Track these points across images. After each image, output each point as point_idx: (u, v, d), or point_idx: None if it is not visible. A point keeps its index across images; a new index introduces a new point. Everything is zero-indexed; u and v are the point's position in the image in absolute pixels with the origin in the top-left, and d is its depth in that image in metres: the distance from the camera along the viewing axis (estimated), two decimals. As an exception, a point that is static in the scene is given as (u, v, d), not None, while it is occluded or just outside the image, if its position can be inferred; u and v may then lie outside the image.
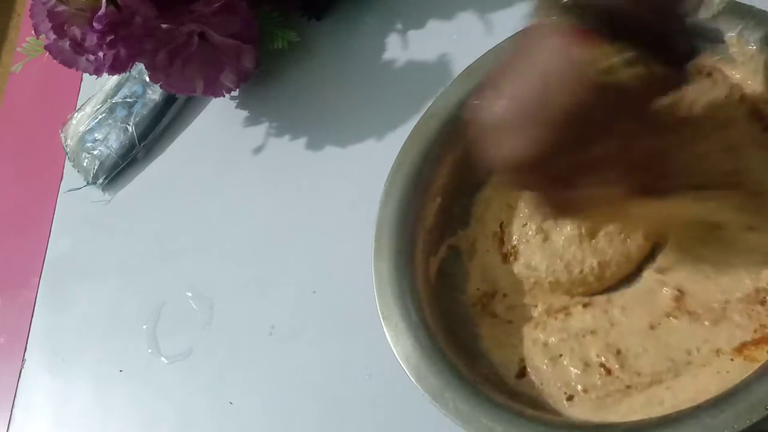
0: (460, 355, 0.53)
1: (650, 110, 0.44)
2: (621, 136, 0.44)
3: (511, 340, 0.54)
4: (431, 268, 0.58)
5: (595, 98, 0.42)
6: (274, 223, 0.71)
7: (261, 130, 0.76)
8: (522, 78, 0.44)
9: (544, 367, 0.52)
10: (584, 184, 0.45)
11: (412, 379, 0.51)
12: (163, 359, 0.70)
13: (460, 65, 0.64)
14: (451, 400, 0.49)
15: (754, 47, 0.51)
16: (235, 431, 0.64)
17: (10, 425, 0.76)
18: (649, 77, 0.42)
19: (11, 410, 0.76)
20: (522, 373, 0.53)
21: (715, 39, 0.52)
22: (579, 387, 0.50)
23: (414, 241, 0.57)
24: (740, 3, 0.52)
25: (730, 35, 0.51)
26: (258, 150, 0.76)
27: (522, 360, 0.53)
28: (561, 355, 0.52)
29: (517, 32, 0.53)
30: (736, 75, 0.53)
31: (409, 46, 0.72)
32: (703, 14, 0.52)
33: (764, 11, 0.51)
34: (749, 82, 0.52)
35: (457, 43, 0.69)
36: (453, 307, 0.57)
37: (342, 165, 0.70)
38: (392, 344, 0.53)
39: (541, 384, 0.52)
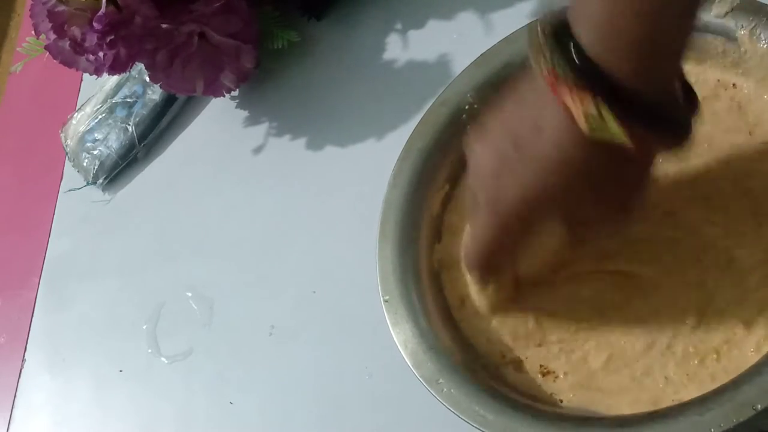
0: (458, 343, 0.53)
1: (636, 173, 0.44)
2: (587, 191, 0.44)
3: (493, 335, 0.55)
4: (435, 254, 0.57)
5: (575, 157, 0.41)
6: (274, 223, 0.71)
7: (261, 130, 0.76)
8: (508, 125, 0.45)
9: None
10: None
11: (409, 364, 0.51)
12: (163, 359, 0.70)
13: (460, 65, 0.64)
14: (445, 386, 0.49)
15: (766, 45, 0.51)
16: (235, 431, 0.64)
17: (10, 425, 0.76)
18: (640, 145, 0.40)
19: (11, 410, 0.76)
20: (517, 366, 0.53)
21: (727, 36, 0.52)
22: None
23: (419, 227, 0.57)
24: (753, 0, 0.52)
25: (742, 33, 0.51)
26: (258, 150, 0.76)
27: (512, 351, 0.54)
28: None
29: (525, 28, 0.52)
30: (744, 87, 0.53)
31: (409, 46, 0.72)
32: (716, 11, 0.52)
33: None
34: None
35: (457, 43, 0.69)
36: (454, 291, 0.57)
37: (342, 165, 0.70)
38: (391, 328, 0.53)
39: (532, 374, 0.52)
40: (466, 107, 0.59)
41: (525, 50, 0.54)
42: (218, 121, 0.80)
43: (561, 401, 0.50)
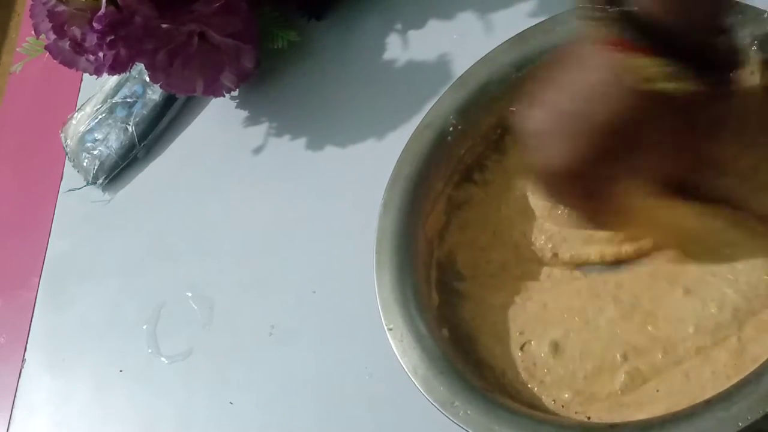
0: (467, 363, 0.52)
1: (690, 121, 0.44)
2: (657, 143, 0.44)
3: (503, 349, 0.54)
4: (433, 275, 0.57)
5: (635, 109, 0.42)
6: (275, 223, 0.71)
7: (261, 130, 0.76)
8: (564, 87, 0.45)
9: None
10: (614, 190, 0.46)
11: (422, 391, 0.50)
12: (163, 359, 0.70)
13: (460, 65, 0.64)
14: (461, 408, 0.48)
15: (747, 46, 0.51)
16: (235, 431, 0.64)
17: (10, 425, 0.76)
18: (689, 91, 0.41)
19: (11, 410, 0.76)
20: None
21: None
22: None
23: (415, 251, 0.57)
24: (736, 1, 0.52)
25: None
26: (258, 150, 0.76)
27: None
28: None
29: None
30: None
31: (409, 46, 0.72)
32: None
33: (758, 9, 0.51)
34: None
35: (457, 43, 0.69)
36: (456, 314, 0.57)
37: (342, 165, 0.70)
38: (399, 356, 0.52)
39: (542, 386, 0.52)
40: (450, 129, 0.59)
41: (504, 68, 0.58)
42: (218, 121, 0.80)
43: (589, 418, 0.49)
